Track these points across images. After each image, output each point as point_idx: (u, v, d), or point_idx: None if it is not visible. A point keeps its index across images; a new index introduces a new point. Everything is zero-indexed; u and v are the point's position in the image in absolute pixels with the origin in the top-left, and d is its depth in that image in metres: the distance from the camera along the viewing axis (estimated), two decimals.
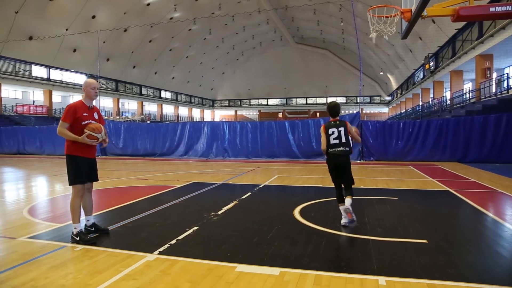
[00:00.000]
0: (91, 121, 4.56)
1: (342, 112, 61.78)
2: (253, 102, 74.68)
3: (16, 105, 38.43)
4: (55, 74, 40.98)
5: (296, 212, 5.87)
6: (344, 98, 66.20)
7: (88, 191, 4.72)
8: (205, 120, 71.63)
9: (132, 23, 40.14)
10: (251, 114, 77.09)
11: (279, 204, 6.96)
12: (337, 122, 5.19)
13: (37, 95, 42.67)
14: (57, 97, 44.32)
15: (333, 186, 5.34)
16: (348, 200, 5.01)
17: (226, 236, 4.64)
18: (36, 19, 34.29)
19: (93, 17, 38.63)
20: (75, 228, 4.42)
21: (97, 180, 4.80)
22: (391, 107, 63.44)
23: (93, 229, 4.68)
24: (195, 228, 4.96)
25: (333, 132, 5.11)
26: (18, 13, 32.65)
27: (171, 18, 43.71)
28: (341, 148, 5.06)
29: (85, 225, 4.68)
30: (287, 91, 70.48)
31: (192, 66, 62.53)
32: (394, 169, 12.49)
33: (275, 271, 3.43)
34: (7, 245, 4.35)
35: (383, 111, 67.78)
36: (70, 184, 4.51)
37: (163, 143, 19.18)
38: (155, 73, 56.51)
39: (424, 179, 9.91)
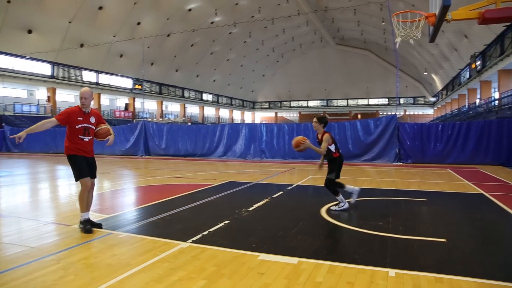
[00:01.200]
0: (85, 124, 5.03)
1: (384, 113, 60.71)
2: (293, 104, 74.81)
3: (69, 107, 40.88)
4: (103, 78, 43.25)
5: (323, 210, 6.16)
6: (386, 100, 64.85)
7: (90, 188, 5.09)
8: (245, 122, 72.57)
9: (175, 28, 41.65)
10: (291, 116, 77.21)
11: (308, 203, 7.27)
12: None
13: None
14: (105, 100, 46.73)
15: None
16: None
17: (254, 229, 5.04)
18: (87, 27, 36.47)
19: (138, 23, 40.46)
20: (82, 216, 4.95)
21: (95, 177, 5.19)
22: (435, 108, 61.37)
23: (88, 226, 4.97)
24: (226, 222, 5.39)
25: (334, 139, 6.35)
26: (71, 22, 34.93)
27: (212, 23, 44.92)
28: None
29: (81, 219, 5.03)
30: (328, 92, 70.02)
31: (232, 69, 63.64)
32: (430, 171, 12.37)
33: (293, 260, 3.77)
34: (63, 230, 5.01)
35: (428, 113, 65.65)
36: (76, 180, 5.01)
37: (203, 144, 19.89)
38: (197, 76, 58.05)
39: (460, 182, 9.81)
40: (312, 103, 72.36)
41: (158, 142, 21.30)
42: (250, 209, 6.31)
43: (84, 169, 4.97)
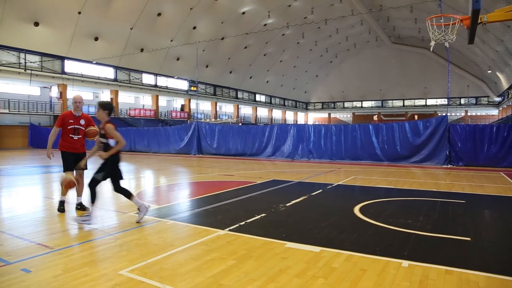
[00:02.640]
0: (75, 126, 6.20)
1: (442, 114, 57.89)
2: (347, 104, 73.81)
3: (129, 109, 43.63)
4: (161, 81, 45.60)
5: (357, 208, 6.45)
6: (445, 100, 61.98)
7: (81, 178, 6.30)
8: (297, 122, 72.67)
9: (229, 32, 42.91)
10: (345, 116, 76.20)
11: (343, 201, 7.56)
12: None
13: (146, 100, 47.82)
14: (163, 101, 49.16)
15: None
16: None
17: (286, 222, 5.48)
18: (147, 33, 38.77)
19: (194, 28, 42.19)
20: (61, 197, 6.22)
21: (85, 169, 6.31)
22: (501, 108, 57.64)
23: (79, 207, 6.30)
24: (263, 215, 5.88)
25: None
26: (132, 29, 37.29)
27: (265, 25, 45.67)
28: None
29: (76, 202, 6.35)
30: (383, 93, 68.28)
31: (285, 70, 64.09)
32: (480, 175, 12.02)
33: (316, 249, 4.18)
34: (121, 217, 5.84)
35: (492, 114, 61.84)
36: (63, 171, 6.18)
37: (253, 144, 20.53)
38: (250, 77, 59.17)
39: (509, 186, 9.55)
40: (366, 104, 70.95)
41: (210, 142, 22.28)
42: (287, 204, 6.75)
43: (68, 165, 6.15)
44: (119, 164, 5.42)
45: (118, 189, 5.43)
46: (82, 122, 6.30)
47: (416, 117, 60.95)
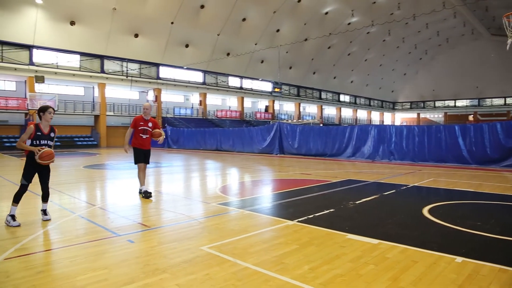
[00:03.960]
0: (144, 127, 7.62)
1: None
2: (438, 104, 69.40)
3: (216, 110, 46.16)
4: (246, 83, 47.45)
5: (426, 208, 6.54)
6: None
7: (143, 170, 7.75)
8: (384, 123, 70.17)
9: (312, 32, 43.21)
10: (436, 117, 71.67)
11: (414, 201, 7.63)
12: None
13: (232, 102, 50.10)
14: (248, 102, 51.03)
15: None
16: None
17: (352, 217, 5.87)
18: (233, 38, 40.79)
19: (278, 30, 43.22)
20: (141, 187, 7.67)
21: (148, 163, 7.82)
22: None
23: (143, 194, 7.50)
24: (332, 210, 6.32)
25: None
26: (219, 35, 39.49)
27: (349, 24, 45.08)
28: None
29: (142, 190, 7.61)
30: (480, 90, 62.85)
31: (371, 69, 62.38)
32: None
33: (374, 241, 4.54)
34: (205, 206, 6.75)
35: None
36: (134, 164, 7.73)
37: (333, 144, 20.69)
38: (334, 77, 58.68)
39: None
40: (460, 103, 65.95)
41: (292, 142, 22.89)
42: (357, 202, 7.07)
43: (139, 158, 7.65)
44: None
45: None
46: (150, 124, 7.75)
47: None
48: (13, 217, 5.23)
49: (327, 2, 41.93)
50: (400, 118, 78.02)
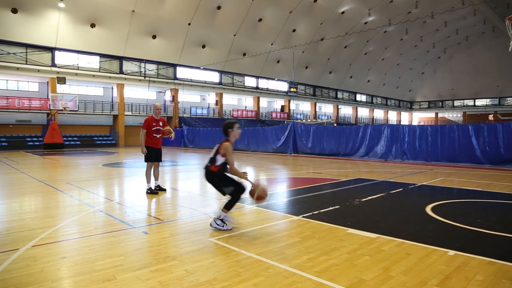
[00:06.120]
0: (157, 127, 8.04)
1: None
2: (456, 103, 68.31)
3: (232, 110, 46.61)
4: (262, 83, 47.75)
5: (429, 206, 6.72)
6: None
7: (155, 168, 8.23)
8: (401, 123, 69.50)
9: (328, 32, 43.22)
10: (455, 116, 70.55)
11: (419, 199, 7.80)
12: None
13: (248, 101, 50.48)
14: (264, 102, 51.32)
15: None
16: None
17: (356, 213, 6.11)
18: (249, 38, 41.14)
19: (294, 30, 43.37)
20: (147, 185, 7.97)
21: (160, 161, 8.34)
22: None
23: (158, 188, 8.10)
24: (337, 207, 6.57)
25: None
26: (235, 36, 39.91)
27: (366, 23, 44.90)
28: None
29: (154, 185, 8.15)
30: (501, 89, 61.62)
31: (388, 68, 61.87)
32: None
33: (373, 235, 4.79)
34: (218, 202, 7.07)
35: None
36: (145, 161, 8.11)
37: (346, 144, 20.82)
38: (351, 77, 58.43)
39: None
40: (480, 102, 64.73)
41: (305, 142, 23.11)
42: (363, 199, 7.30)
43: (151, 156, 8.04)
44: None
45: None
46: (161, 123, 8.25)
47: None
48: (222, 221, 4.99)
49: (344, 1, 41.86)
50: (418, 117, 77.11)
